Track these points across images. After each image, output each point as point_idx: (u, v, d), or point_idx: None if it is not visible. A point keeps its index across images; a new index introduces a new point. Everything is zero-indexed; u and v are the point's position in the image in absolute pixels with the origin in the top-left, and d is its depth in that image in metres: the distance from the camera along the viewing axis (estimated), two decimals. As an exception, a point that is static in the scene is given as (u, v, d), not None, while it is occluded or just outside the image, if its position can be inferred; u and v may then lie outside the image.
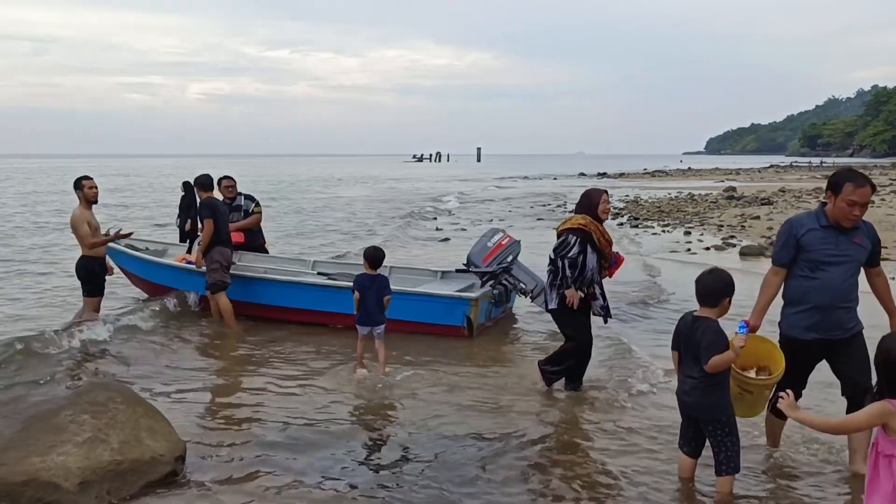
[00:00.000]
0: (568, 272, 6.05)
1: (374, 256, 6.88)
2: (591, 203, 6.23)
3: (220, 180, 9.79)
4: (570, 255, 6.03)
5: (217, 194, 9.29)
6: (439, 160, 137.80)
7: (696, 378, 4.12)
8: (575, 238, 6.05)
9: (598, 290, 6.26)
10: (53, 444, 4.18)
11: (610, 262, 6.35)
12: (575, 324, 6.23)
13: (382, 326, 6.84)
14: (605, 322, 6.61)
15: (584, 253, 6.06)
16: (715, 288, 4.13)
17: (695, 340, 4.09)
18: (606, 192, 6.43)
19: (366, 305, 6.77)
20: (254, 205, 10.11)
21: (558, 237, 6.20)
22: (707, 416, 4.17)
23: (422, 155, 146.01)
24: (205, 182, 8.95)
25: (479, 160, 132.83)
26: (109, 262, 8.62)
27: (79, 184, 8.19)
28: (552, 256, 6.14)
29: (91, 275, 8.18)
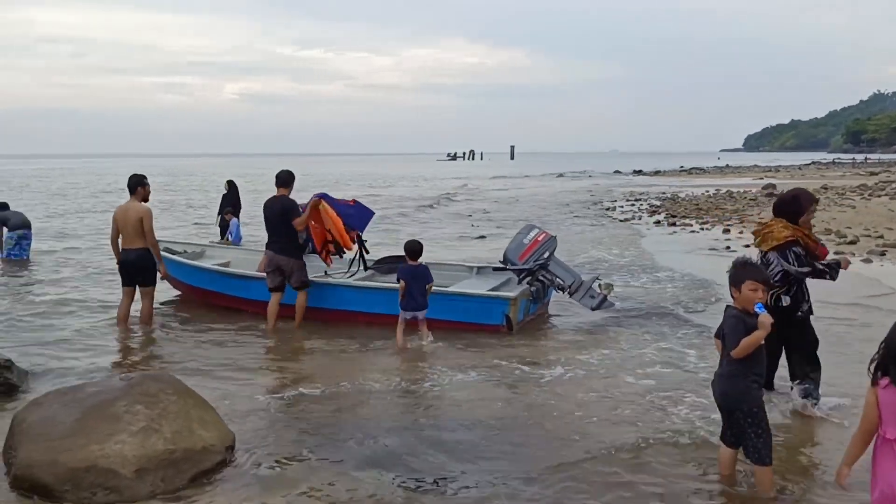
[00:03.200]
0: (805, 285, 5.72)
1: (413, 249, 7.87)
2: (797, 210, 5.76)
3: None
4: (803, 269, 5.62)
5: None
6: (472, 158, 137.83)
7: (723, 366, 4.26)
8: (799, 250, 5.66)
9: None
10: (111, 432, 4.35)
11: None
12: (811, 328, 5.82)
13: (425, 311, 7.78)
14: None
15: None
16: (731, 274, 4.27)
17: (723, 328, 4.26)
18: (817, 200, 5.97)
19: (411, 293, 7.73)
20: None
21: (776, 250, 5.68)
22: (731, 406, 4.26)
23: (455, 153, 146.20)
24: (287, 178, 8.75)
25: (512, 158, 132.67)
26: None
27: (142, 181, 8.42)
28: (785, 268, 5.61)
29: (153, 266, 8.44)
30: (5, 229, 13.71)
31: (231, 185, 15.37)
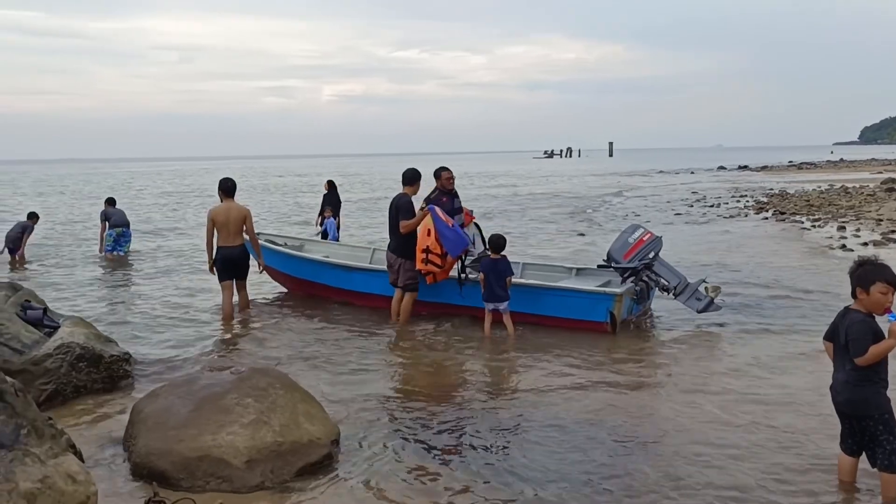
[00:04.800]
0: None
1: (496, 243, 8.14)
2: None
3: (439, 171, 9.29)
4: None
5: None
6: (570, 156, 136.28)
7: (846, 372, 4.00)
8: None
9: None
10: (222, 423, 4.50)
11: None
12: None
13: (506, 303, 8.04)
14: None
15: None
16: (857, 273, 4.01)
17: (842, 333, 3.99)
18: None
19: (489, 285, 8.05)
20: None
21: None
22: (858, 413, 4.01)
23: (552, 151, 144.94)
24: (412, 176, 8.92)
25: (611, 155, 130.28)
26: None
27: (235, 185, 9.03)
28: None
29: (249, 261, 9.08)
30: (106, 224, 14.62)
31: (331, 186, 15.75)
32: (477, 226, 9.49)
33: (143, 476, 4.38)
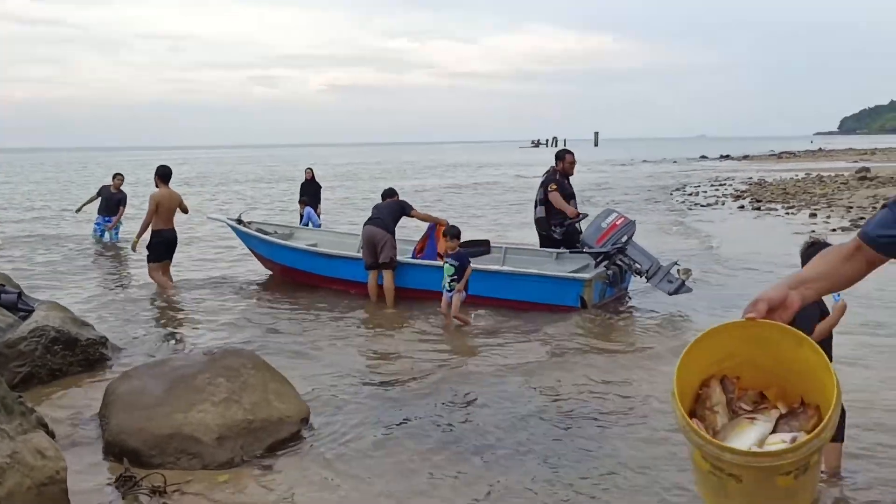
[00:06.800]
0: None
1: (452, 233, 8.11)
2: None
3: (563, 153, 9.74)
4: None
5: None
6: (555, 145, 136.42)
7: None
8: None
9: None
10: (194, 402, 4.60)
11: None
12: None
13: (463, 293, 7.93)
14: None
15: None
16: (803, 255, 4.17)
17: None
18: None
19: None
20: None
21: None
22: None
23: (538, 140, 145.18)
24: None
25: (596, 145, 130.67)
26: None
27: (163, 172, 9.60)
28: None
29: None
30: (100, 199, 14.51)
31: (310, 174, 15.84)
32: None
33: (115, 454, 4.46)
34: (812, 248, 4.15)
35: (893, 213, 1.79)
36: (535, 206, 9.74)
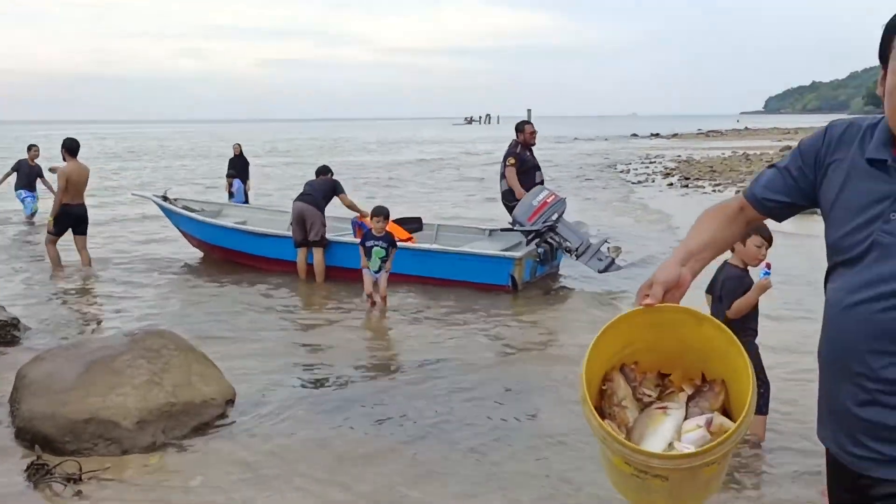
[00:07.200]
0: None
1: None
2: None
3: (522, 125, 9.67)
4: None
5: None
6: (489, 122, 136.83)
7: None
8: None
9: None
10: (113, 385, 4.42)
11: None
12: None
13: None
14: None
15: None
16: None
17: (718, 287, 4.18)
18: None
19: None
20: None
21: None
22: None
23: (471, 117, 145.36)
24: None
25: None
26: None
27: (71, 146, 9.27)
28: None
29: None
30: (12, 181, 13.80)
31: (238, 149, 15.53)
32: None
33: (27, 441, 4.27)
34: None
35: (782, 177, 1.77)
36: (500, 179, 9.74)
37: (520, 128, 9.73)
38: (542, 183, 9.60)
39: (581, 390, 1.54)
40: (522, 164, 9.50)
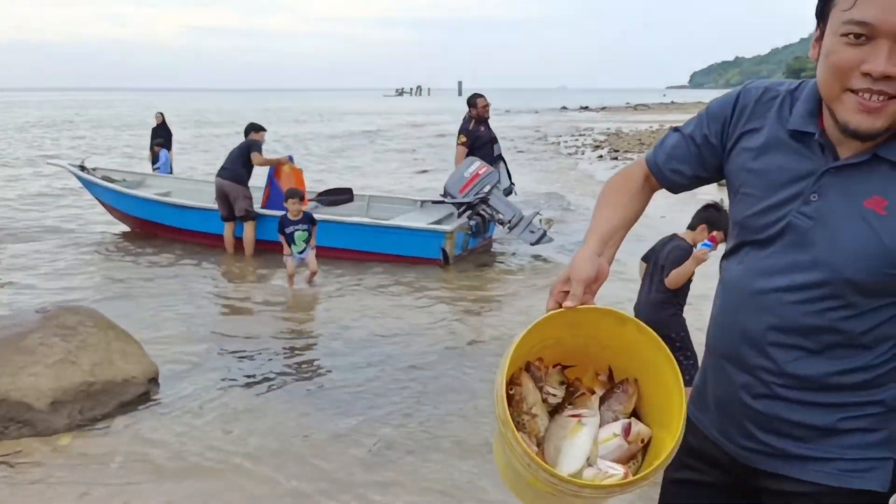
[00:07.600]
0: None
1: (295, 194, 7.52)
2: None
3: (474, 99, 9.33)
4: None
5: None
6: (419, 94, 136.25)
7: (653, 293, 4.21)
8: None
9: None
10: (24, 365, 4.19)
11: None
12: None
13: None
14: None
15: None
16: (699, 213, 4.25)
17: (662, 256, 4.19)
18: None
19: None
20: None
21: None
22: (658, 333, 4.22)
23: (402, 89, 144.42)
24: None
25: (460, 94, 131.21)
26: None
27: None
28: None
29: None
30: None
31: (161, 118, 15.00)
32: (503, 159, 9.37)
33: (-69, 425, 4.02)
34: (707, 212, 4.24)
35: (686, 144, 1.58)
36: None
37: (472, 102, 9.47)
38: (500, 156, 9.50)
39: (500, 407, 1.31)
40: (476, 140, 9.32)
